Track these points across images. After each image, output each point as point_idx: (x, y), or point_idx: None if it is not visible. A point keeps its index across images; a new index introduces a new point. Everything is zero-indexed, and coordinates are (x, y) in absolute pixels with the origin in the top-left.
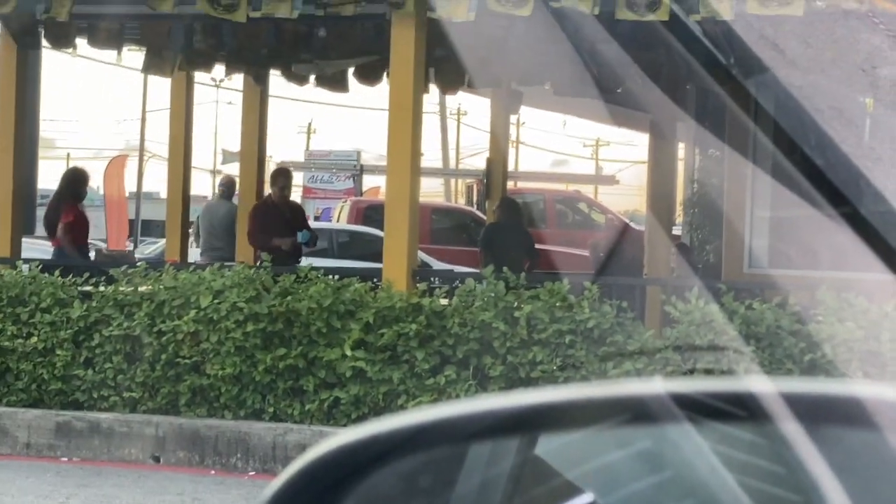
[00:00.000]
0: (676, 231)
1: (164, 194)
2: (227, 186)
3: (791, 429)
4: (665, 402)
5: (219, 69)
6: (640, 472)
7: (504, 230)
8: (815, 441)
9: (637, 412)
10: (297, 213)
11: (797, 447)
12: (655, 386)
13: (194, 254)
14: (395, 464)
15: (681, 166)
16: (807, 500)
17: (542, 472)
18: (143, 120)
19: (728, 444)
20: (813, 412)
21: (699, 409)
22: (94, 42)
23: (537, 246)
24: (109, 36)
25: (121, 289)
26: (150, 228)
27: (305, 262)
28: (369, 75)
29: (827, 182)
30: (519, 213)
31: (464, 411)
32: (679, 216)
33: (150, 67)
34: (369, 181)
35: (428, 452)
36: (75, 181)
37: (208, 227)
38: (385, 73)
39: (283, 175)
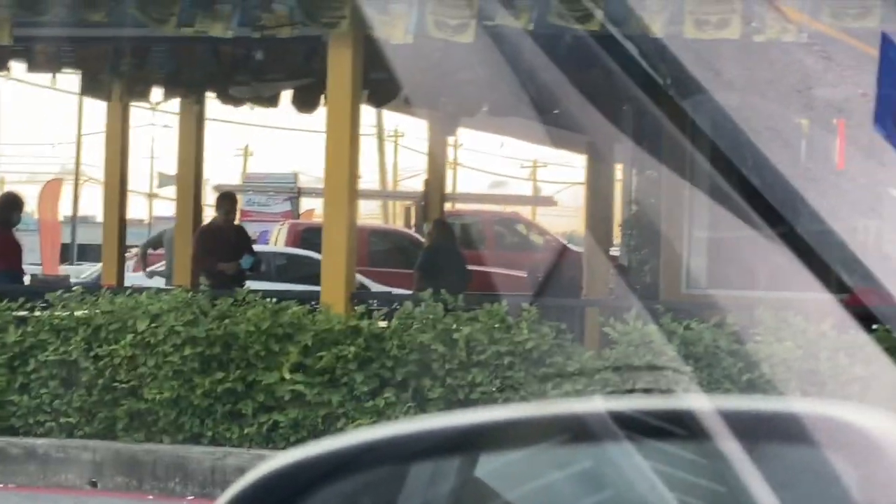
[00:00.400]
0: (615, 252)
1: (100, 218)
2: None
3: (730, 446)
4: (605, 420)
5: (156, 92)
6: (581, 492)
7: (439, 253)
8: (753, 458)
9: (577, 431)
10: (243, 236)
11: (736, 465)
12: (595, 404)
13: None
14: (335, 485)
15: (618, 187)
16: None
17: (483, 494)
18: (79, 143)
19: (668, 463)
20: (751, 429)
21: (639, 427)
22: (31, 66)
23: (477, 268)
24: (46, 59)
25: (57, 313)
26: (87, 252)
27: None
28: (307, 101)
29: (764, 202)
30: (452, 235)
31: (404, 431)
32: (617, 237)
33: (87, 91)
34: (307, 204)
35: (368, 473)
36: (7, 206)
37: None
38: (322, 100)
39: (228, 199)
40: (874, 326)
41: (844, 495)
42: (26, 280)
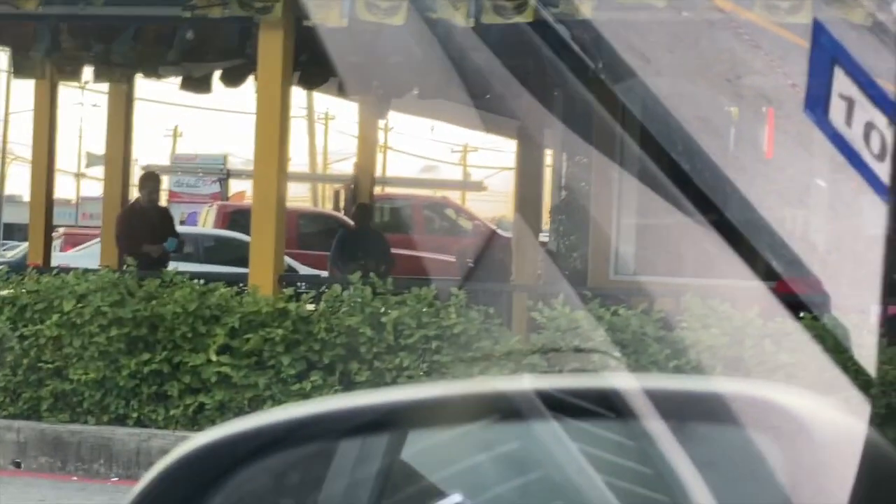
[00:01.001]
0: (544, 237)
1: (27, 197)
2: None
3: (656, 426)
4: (532, 399)
5: (86, 71)
6: (509, 473)
7: (358, 236)
8: (679, 438)
9: (504, 410)
10: (166, 218)
11: (662, 444)
12: (522, 383)
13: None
14: (262, 462)
15: (548, 173)
16: (673, 499)
17: (410, 473)
18: (6, 122)
19: (595, 444)
20: (678, 409)
21: (566, 408)
22: None
23: (405, 251)
24: None
25: None
26: (13, 232)
27: (172, 266)
28: (234, 78)
29: (693, 189)
30: (372, 219)
31: (332, 408)
32: (546, 223)
33: (19, 70)
34: (236, 185)
35: (296, 450)
36: None
37: None
38: (250, 76)
39: (151, 179)
40: (801, 314)
41: (770, 476)
42: None
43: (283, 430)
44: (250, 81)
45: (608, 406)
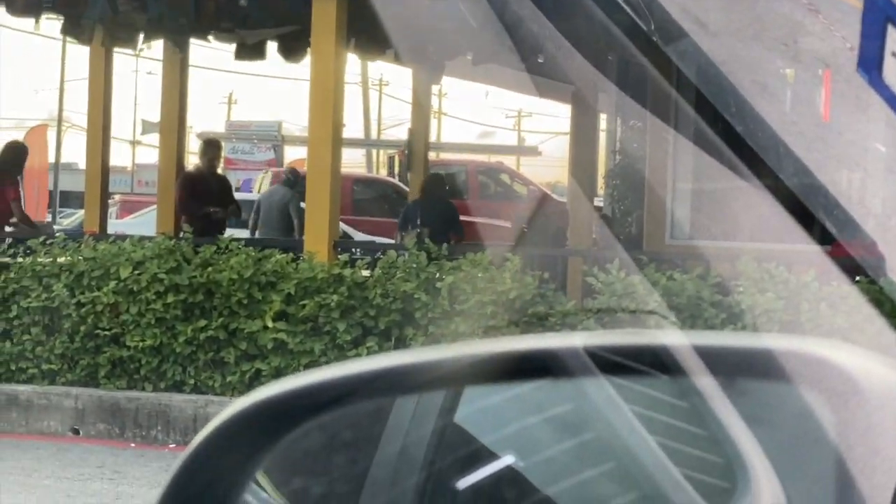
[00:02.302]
0: (599, 202)
1: (83, 165)
2: (293, 174)
3: (706, 382)
4: (582, 358)
5: (140, 38)
6: (561, 434)
7: (426, 207)
8: (730, 395)
9: (555, 368)
10: (224, 186)
11: (714, 403)
12: (573, 341)
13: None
14: (317, 419)
15: (603, 137)
16: (726, 459)
17: (464, 434)
18: (62, 89)
19: (647, 404)
20: (729, 365)
21: (617, 367)
22: (11, 10)
23: (460, 217)
24: (26, 3)
25: (39, 260)
26: (69, 199)
27: (228, 233)
28: (293, 50)
29: (749, 153)
30: (443, 189)
31: (387, 365)
32: (601, 187)
33: (72, 37)
34: (290, 152)
35: (351, 408)
36: (22, 155)
37: (266, 211)
38: (308, 49)
39: (212, 146)
40: (857, 278)
41: (822, 435)
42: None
43: (338, 387)
44: (307, 53)
45: (659, 364)
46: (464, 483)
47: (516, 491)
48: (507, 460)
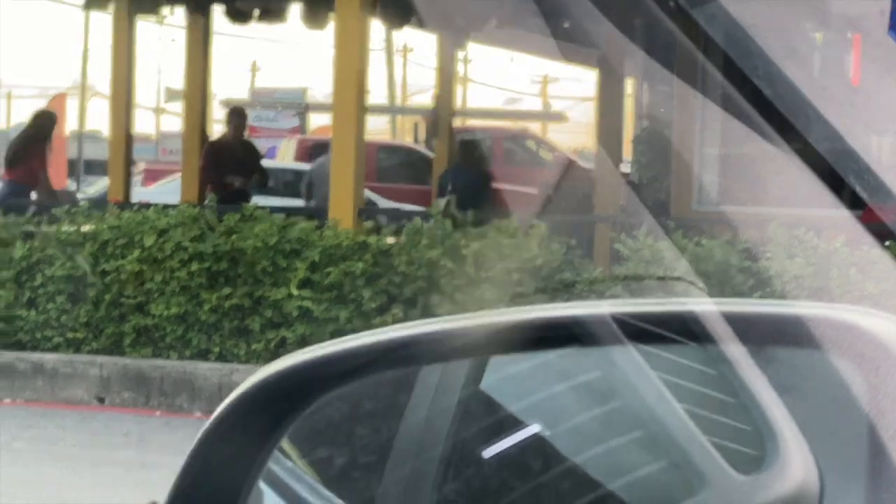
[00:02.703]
0: (625, 168)
1: (106, 133)
2: None
3: (735, 349)
4: (610, 325)
5: (164, 5)
6: (587, 402)
7: (460, 174)
8: (759, 363)
9: (582, 336)
10: (251, 152)
11: (743, 370)
12: (600, 308)
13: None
14: (341, 388)
15: (630, 103)
16: (755, 427)
17: (490, 404)
18: (85, 58)
19: (675, 372)
20: (757, 333)
21: (644, 334)
22: None
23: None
24: None
25: (63, 228)
26: (93, 168)
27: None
28: (316, 16)
29: (777, 117)
30: (476, 155)
31: (412, 334)
32: (628, 153)
33: (93, 3)
34: (315, 119)
35: (376, 377)
36: (50, 123)
37: (320, 180)
38: (330, 15)
39: (237, 115)
40: (887, 242)
41: (853, 402)
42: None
43: (363, 356)
44: (330, 19)
45: (687, 332)
46: (489, 452)
47: (542, 460)
48: (532, 429)
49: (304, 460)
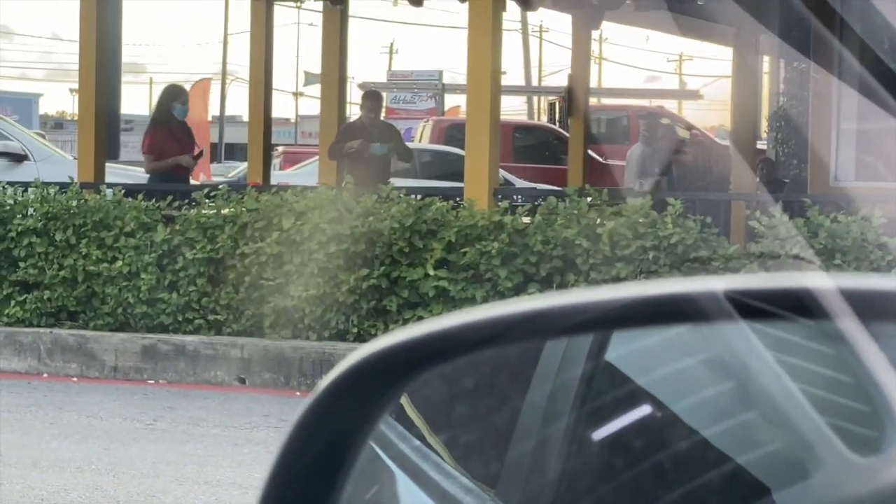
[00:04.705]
0: (762, 145)
1: (246, 117)
2: (648, 130)
3: (855, 329)
4: (723, 302)
5: None
6: (704, 381)
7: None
8: (878, 339)
9: (696, 313)
10: (386, 130)
11: (862, 349)
12: (714, 285)
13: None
14: (448, 364)
15: (766, 80)
16: (874, 408)
17: (611, 379)
18: (225, 43)
19: (791, 351)
20: (878, 310)
21: (759, 312)
22: None
23: (621, 162)
24: None
25: (203, 212)
26: (233, 151)
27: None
28: None
29: None
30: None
31: (535, 308)
32: (764, 130)
33: None
34: (451, 100)
35: (492, 351)
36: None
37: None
38: None
39: (370, 98)
40: None
41: None
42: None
43: (487, 329)
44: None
45: (803, 309)
46: (612, 425)
47: (659, 436)
48: (651, 405)
49: (432, 437)
